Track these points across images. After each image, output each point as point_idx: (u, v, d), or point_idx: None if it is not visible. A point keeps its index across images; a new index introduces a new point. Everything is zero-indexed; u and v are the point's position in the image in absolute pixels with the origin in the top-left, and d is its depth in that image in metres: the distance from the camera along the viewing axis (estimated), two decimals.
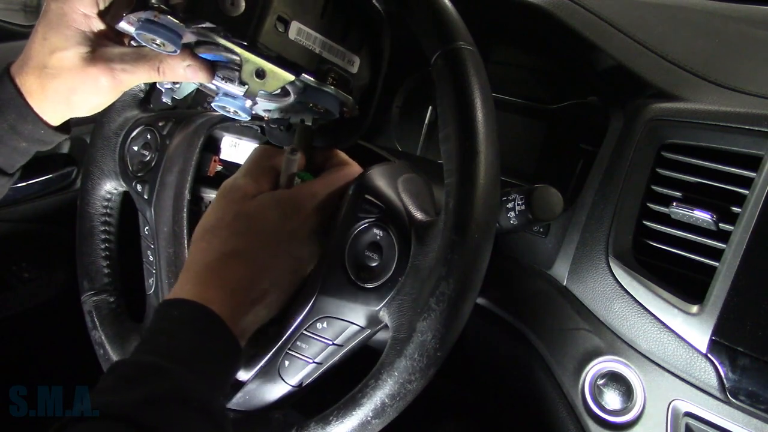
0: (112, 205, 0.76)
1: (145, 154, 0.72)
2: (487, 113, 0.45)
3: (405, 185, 0.55)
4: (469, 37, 0.47)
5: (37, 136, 0.54)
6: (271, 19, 0.48)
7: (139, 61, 0.52)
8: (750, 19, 0.77)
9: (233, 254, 0.52)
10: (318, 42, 0.52)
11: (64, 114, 0.55)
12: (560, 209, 0.53)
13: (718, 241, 0.53)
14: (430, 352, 0.44)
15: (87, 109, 0.55)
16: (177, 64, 0.52)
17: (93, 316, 0.71)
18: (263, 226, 0.53)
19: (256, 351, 0.55)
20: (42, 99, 0.53)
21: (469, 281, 0.44)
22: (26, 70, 0.52)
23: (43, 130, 0.54)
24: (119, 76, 0.52)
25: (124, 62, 0.52)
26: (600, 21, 0.68)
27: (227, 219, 0.54)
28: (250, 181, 0.56)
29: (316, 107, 0.57)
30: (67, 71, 0.52)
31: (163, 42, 0.49)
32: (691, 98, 0.61)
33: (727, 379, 0.49)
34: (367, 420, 0.46)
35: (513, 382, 0.71)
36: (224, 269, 0.51)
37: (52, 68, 0.51)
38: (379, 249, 0.51)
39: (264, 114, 0.62)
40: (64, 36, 0.51)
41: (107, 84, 0.52)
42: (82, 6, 0.51)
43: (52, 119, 0.54)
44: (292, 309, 0.54)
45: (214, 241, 0.53)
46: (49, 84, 0.52)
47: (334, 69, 0.53)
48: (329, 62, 0.53)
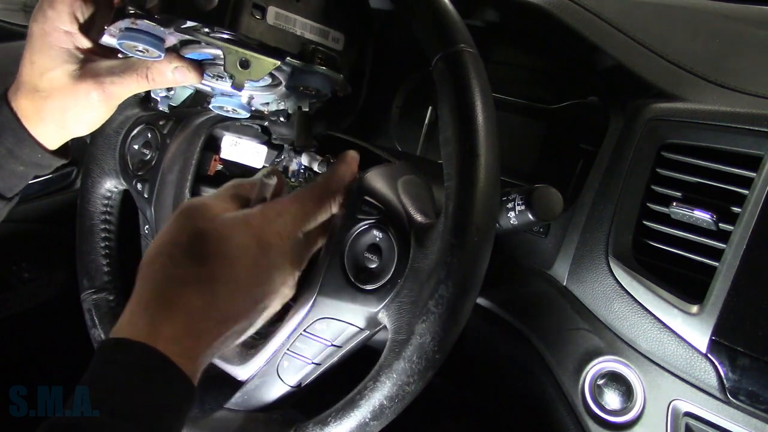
0: (112, 204, 0.76)
1: (146, 153, 0.72)
2: (487, 116, 0.45)
3: (405, 187, 0.55)
4: (470, 39, 0.47)
5: (34, 160, 0.55)
6: (246, 7, 0.48)
7: (127, 71, 0.52)
8: (750, 19, 0.77)
9: (189, 280, 0.45)
10: (298, 23, 0.51)
11: (61, 136, 0.55)
12: (560, 209, 0.53)
13: (718, 241, 0.53)
14: (428, 355, 0.44)
15: (83, 128, 0.55)
16: (165, 69, 0.52)
17: (92, 315, 0.71)
18: (225, 248, 0.46)
19: (255, 351, 0.56)
20: (37, 121, 0.53)
21: (468, 284, 0.44)
22: (20, 94, 0.52)
23: (41, 154, 0.54)
24: (109, 89, 0.52)
25: (113, 75, 0.52)
26: (600, 21, 0.68)
27: (183, 239, 0.46)
28: (217, 201, 0.50)
29: (308, 89, 0.56)
30: (57, 91, 0.52)
31: (146, 48, 0.49)
32: (691, 98, 0.60)
33: (727, 379, 0.49)
34: (365, 421, 0.46)
35: (513, 382, 0.71)
36: (178, 298, 0.44)
37: (44, 90, 0.52)
38: (378, 251, 0.51)
39: (263, 108, 0.62)
40: (50, 56, 0.51)
41: (98, 98, 0.52)
42: (62, 23, 0.51)
43: (50, 143, 0.55)
44: (291, 310, 0.54)
45: (167, 264, 0.45)
46: (43, 106, 0.52)
47: (319, 48, 0.53)
48: (313, 42, 0.53)
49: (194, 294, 0.44)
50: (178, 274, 0.45)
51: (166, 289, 0.44)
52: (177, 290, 0.44)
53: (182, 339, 0.43)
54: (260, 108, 0.62)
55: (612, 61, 0.65)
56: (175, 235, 0.47)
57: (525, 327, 0.65)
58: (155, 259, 0.46)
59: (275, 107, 0.61)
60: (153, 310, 0.43)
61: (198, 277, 0.45)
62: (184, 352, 0.43)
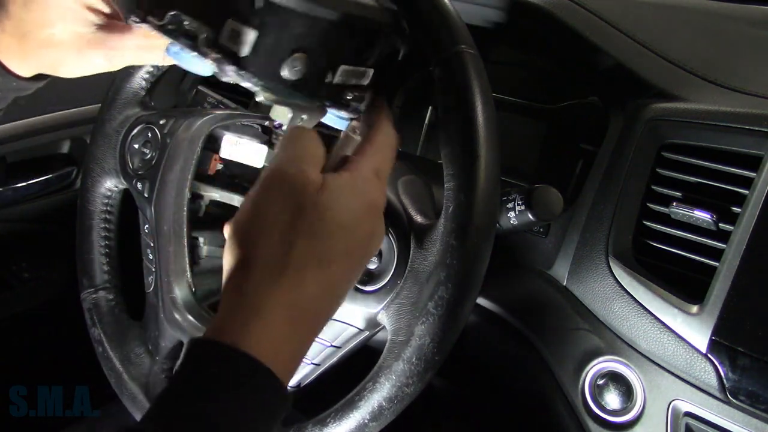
0: (112, 203, 0.76)
1: (146, 152, 0.72)
2: (487, 117, 0.45)
3: (405, 187, 0.55)
4: (471, 39, 0.47)
5: (10, 86, 0.49)
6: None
7: (145, 49, 0.48)
8: (750, 19, 0.77)
9: (303, 265, 0.38)
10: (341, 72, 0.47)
11: (41, 72, 0.49)
12: (560, 209, 0.53)
13: (718, 241, 0.53)
14: (427, 356, 0.44)
15: (70, 76, 0.49)
16: None
17: (92, 314, 0.71)
18: (342, 221, 0.39)
19: None
20: (19, 60, 0.46)
21: (467, 286, 0.44)
22: (2, 28, 0.45)
23: (15, 82, 0.48)
24: (118, 61, 0.48)
25: (126, 49, 0.47)
26: (600, 21, 0.68)
27: (287, 217, 0.38)
28: (306, 167, 0.41)
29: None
30: (55, 46, 0.46)
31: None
32: (691, 98, 0.60)
33: (727, 379, 0.49)
34: (364, 423, 0.46)
35: (513, 382, 0.71)
36: (290, 291, 0.37)
37: (36, 40, 0.45)
38: (378, 252, 0.51)
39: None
40: (58, 13, 0.45)
41: (102, 64, 0.48)
42: None
43: (27, 73, 0.48)
44: None
45: (276, 247, 0.37)
46: (29, 50, 0.46)
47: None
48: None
49: (309, 283, 0.38)
50: (289, 260, 0.37)
51: (273, 280, 0.37)
52: (288, 279, 0.37)
53: (287, 347, 0.37)
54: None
55: (612, 61, 0.65)
56: (275, 209, 0.39)
57: (525, 327, 0.65)
58: (258, 236, 0.38)
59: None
60: (256, 310, 0.36)
61: (319, 258, 0.38)
62: (287, 360, 0.37)
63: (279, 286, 0.37)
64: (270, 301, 0.37)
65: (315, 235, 0.38)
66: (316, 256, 0.38)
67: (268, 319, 0.36)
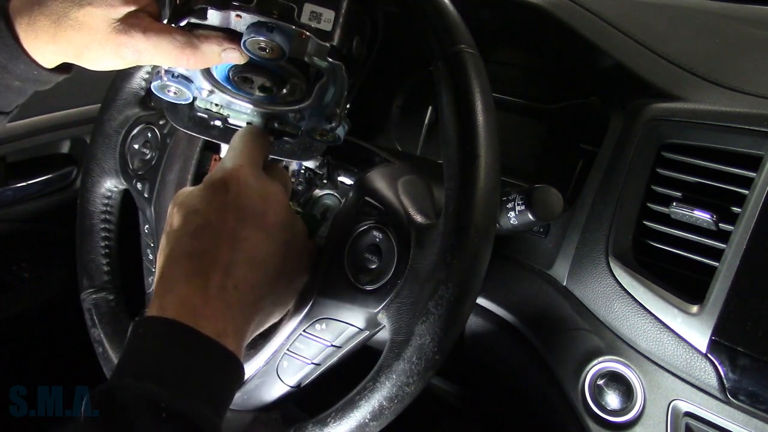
0: (112, 203, 0.76)
1: (146, 153, 0.72)
2: (487, 117, 0.45)
3: (405, 187, 0.55)
4: (471, 39, 0.47)
5: (31, 76, 0.49)
6: None
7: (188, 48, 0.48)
8: (750, 19, 0.77)
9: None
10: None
11: (65, 60, 0.49)
12: (560, 209, 0.52)
13: (718, 241, 0.53)
14: (428, 356, 0.44)
15: (95, 67, 0.49)
16: (215, 48, 0.48)
17: (92, 314, 0.71)
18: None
19: (254, 351, 0.55)
20: (51, 41, 0.47)
21: (467, 285, 0.44)
22: (40, 10, 0.46)
23: (36, 71, 0.49)
24: (145, 57, 0.47)
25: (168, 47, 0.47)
26: (600, 21, 0.68)
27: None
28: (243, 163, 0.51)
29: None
30: (82, 32, 0.46)
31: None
32: (691, 98, 0.60)
33: (727, 379, 0.49)
34: (364, 422, 0.46)
35: (513, 382, 0.71)
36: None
37: (75, 20, 0.46)
38: (378, 251, 0.51)
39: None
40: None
41: (130, 57, 0.48)
42: None
43: (50, 63, 0.49)
44: (291, 310, 0.54)
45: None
46: (63, 34, 0.46)
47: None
48: None
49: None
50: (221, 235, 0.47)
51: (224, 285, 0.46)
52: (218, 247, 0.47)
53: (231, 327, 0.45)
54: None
55: (612, 61, 0.65)
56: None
57: (525, 327, 0.65)
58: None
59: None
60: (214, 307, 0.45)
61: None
62: (238, 335, 0.46)
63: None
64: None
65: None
66: (227, 234, 0.47)
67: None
